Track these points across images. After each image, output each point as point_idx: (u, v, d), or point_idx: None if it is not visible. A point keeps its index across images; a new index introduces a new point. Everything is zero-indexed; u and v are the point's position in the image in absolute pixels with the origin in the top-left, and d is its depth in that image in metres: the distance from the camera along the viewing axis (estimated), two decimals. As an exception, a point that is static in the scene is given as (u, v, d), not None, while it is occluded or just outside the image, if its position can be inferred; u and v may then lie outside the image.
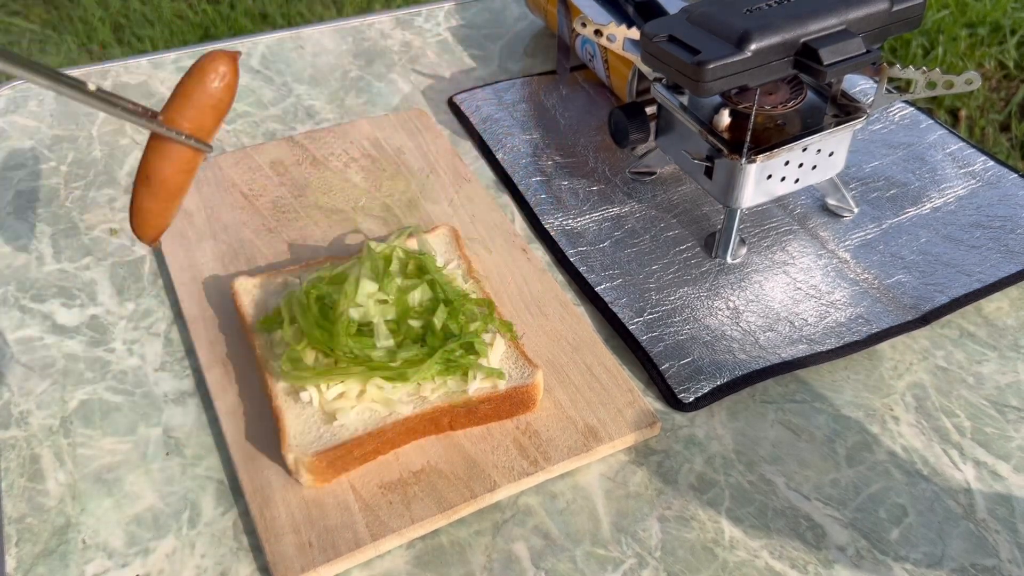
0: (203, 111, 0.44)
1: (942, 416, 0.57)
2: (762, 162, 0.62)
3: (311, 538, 0.49)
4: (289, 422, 0.52)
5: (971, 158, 0.76)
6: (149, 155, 0.45)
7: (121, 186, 0.74)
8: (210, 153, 0.46)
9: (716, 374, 0.58)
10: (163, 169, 0.45)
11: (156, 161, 0.45)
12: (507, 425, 0.55)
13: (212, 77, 0.44)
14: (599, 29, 0.66)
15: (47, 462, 0.54)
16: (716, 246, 0.67)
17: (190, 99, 0.44)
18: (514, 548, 0.50)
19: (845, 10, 0.58)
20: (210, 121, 0.45)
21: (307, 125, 0.81)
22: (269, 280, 0.61)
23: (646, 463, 0.55)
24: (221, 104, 0.45)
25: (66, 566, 0.49)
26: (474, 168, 0.76)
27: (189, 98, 0.44)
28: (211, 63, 0.44)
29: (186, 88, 0.45)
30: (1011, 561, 0.50)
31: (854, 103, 0.65)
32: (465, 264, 0.63)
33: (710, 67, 0.56)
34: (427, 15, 0.97)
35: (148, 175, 0.45)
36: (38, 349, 0.61)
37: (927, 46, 2.08)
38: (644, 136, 0.70)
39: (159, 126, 0.44)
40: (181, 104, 0.44)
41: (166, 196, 0.45)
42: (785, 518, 0.52)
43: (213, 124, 0.45)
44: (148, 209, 0.45)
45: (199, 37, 2.24)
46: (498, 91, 0.84)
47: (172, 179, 0.45)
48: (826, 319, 0.62)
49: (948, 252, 0.67)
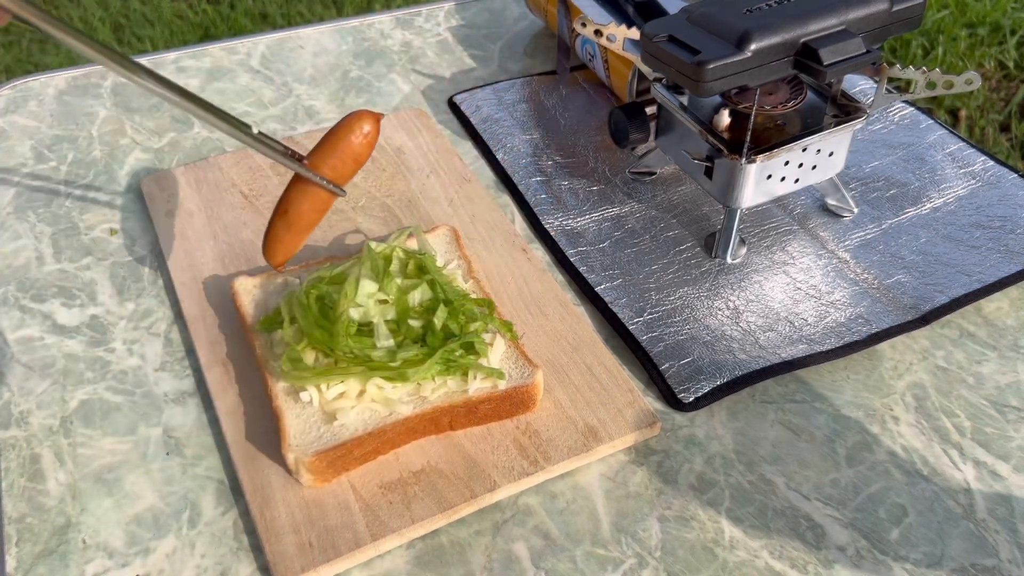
0: (344, 161, 0.49)
1: (942, 416, 0.57)
2: (762, 162, 0.62)
3: (311, 538, 0.49)
4: (289, 422, 0.52)
5: (971, 158, 0.76)
6: (290, 192, 0.50)
7: (121, 186, 0.74)
8: (343, 196, 0.51)
9: (716, 374, 0.58)
10: (300, 205, 0.49)
11: (295, 198, 0.49)
12: (507, 425, 0.55)
13: (357, 133, 0.49)
14: (599, 29, 0.66)
15: (47, 462, 0.54)
16: (716, 246, 0.67)
17: (334, 149, 0.49)
18: (514, 548, 0.50)
19: (845, 10, 0.58)
20: (348, 170, 0.50)
21: (307, 125, 0.81)
22: (269, 280, 0.61)
23: (646, 463, 0.55)
24: (360, 157, 0.50)
25: (66, 566, 0.49)
26: (474, 168, 0.76)
27: (333, 149, 0.49)
28: (357, 121, 0.49)
29: (332, 139, 0.49)
30: (1011, 561, 0.50)
31: (854, 103, 0.65)
32: (465, 264, 0.63)
33: (710, 67, 0.56)
34: (427, 15, 0.97)
35: (287, 209, 0.49)
36: (38, 349, 0.61)
37: (927, 46, 2.08)
38: (644, 136, 0.70)
39: (303, 169, 0.49)
40: (325, 153, 0.49)
41: (298, 229, 0.50)
42: (785, 518, 0.52)
43: (351, 173, 0.50)
44: (282, 238, 0.50)
45: (199, 37, 2.24)
46: (498, 91, 0.84)
47: (306, 215, 0.49)
48: (826, 319, 0.62)
49: (948, 252, 0.67)
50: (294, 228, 0.50)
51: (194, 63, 0.88)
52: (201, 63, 0.88)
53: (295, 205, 0.50)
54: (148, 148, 0.78)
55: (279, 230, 0.50)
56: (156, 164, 0.76)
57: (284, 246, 0.50)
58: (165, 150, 0.77)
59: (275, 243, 0.50)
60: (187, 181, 0.72)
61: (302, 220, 0.50)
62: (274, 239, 0.50)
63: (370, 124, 0.50)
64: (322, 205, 0.50)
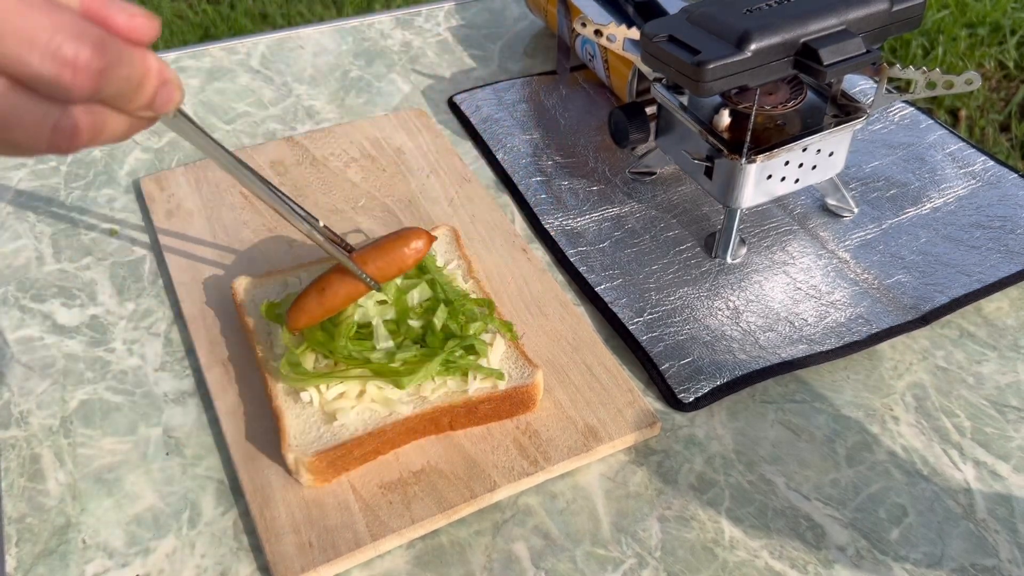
0: (389, 265, 0.53)
1: (942, 416, 0.57)
2: (762, 162, 0.62)
3: (311, 538, 0.49)
4: (289, 422, 0.52)
5: (971, 158, 0.76)
6: (332, 275, 0.53)
7: (121, 186, 0.74)
8: (377, 291, 0.54)
9: (716, 374, 0.58)
10: (337, 290, 0.52)
11: (335, 282, 0.53)
12: (507, 425, 0.55)
13: (409, 246, 0.53)
14: (599, 29, 0.66)
15: (47, 462, 0.54)
16: (716, 246, 0.67)
17: (384, 254, 0.53)
18: (514, 548, 0.50)
19: (845, 10, 0.58)
20: (390, 273, 0.53)
21: (307, 125, 0.81)
22: (269, 280, 0.61)
23: (646, 463, 0.55)
24: (404, 266, 0.53)
25: (66, 566, 0.49)
26: (474, 168, 0.76)
27: (383, 253, 0.53)
28: (414, 237, 0.53)
29: (386, 244, 0.53)
30: (1011, 561, 0.50)
31: (854, 103, 0.65)
32: (465, 264, 0.63)
33: (710, 67, 0.56)
34: (427, 15, 0.97)
35: (324, 288, 0.52)
36: (38, 349, 0.61)
37: (927, 46, 2.08)
38: (644, 136, 0.70)
39: (349, 262, 0.52)
40: (376, 254, 0.53)
41: (327, 308, 0.53)
42: (785, 518, 0.52)
43: (391, 276, 0.53)
44: (310, 311, 0.53)
45: (199, 37, 2.24)
46: (498, 91, 0.84)
47: (340, 300, 0.53)
48: (826, 319, 0.62)
49: (948, 252, 0.67)
50: (325, 306, 0.53)
51: (194, 63, 0.88)
52: (201, 63, 0.88)
53: (333, 288, 0.52)
54: (148, 148, 0.78)
55: (311, 303, 0.53)
56: (156, 164, 0.76)
57: (308, 317, 0.53)
58: (165, 150, 0.77)
59: (302, 312, 0.53)
60: (187, 181, 0.72)
61: (334, 302, 0.53)
62: (303, 309, 0.53)
63: (423, 242, 0.53)
64: (355, 293, 0.53)
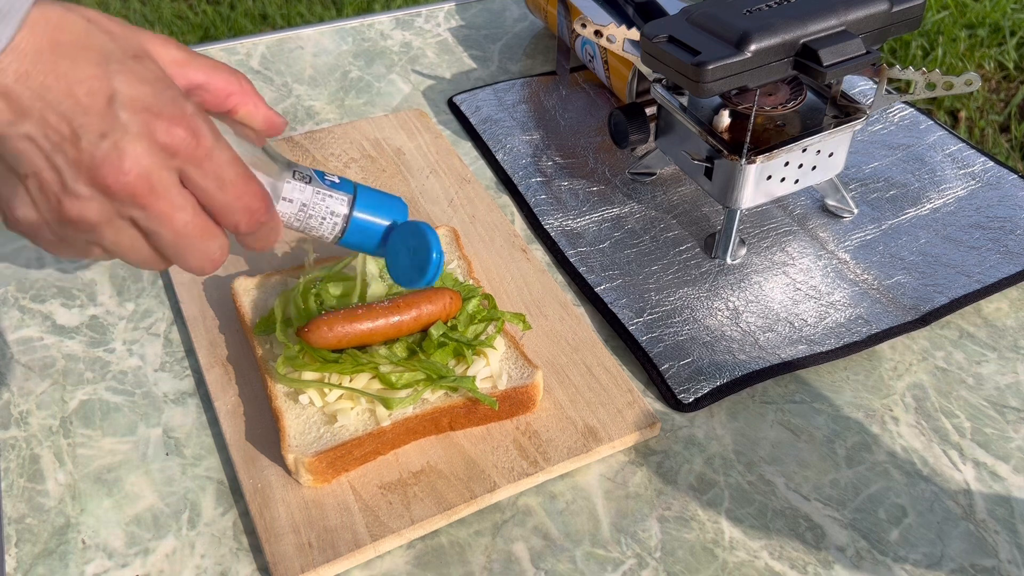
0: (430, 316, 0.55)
1: (942, 417, 0.57)
2: (762, 163, 0.62)
3: (311, 538, 0.49)
4: (289, 422, 0.52)
5: (970, 159, 0.76)
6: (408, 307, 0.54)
7: (121, 186, 0.74)
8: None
9: (716, 375, 0.58)
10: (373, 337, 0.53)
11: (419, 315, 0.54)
12: (507, 425, 0.55)
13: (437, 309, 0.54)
14: (599, 30, 0.66)
15: (47, 462, 0.54)
16: (716, 247, 0.67)
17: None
18: (514, 548, 0.50)
19: (845, 11, 0.58)
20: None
21: (307, 125, 0.81)
22: (269, 280, 0.61)
23: (646, 463, 0.55)
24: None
25: (66, 566, 0.49)
26: (474, 168, 0.76)
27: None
28: (443, 297, 0.54)
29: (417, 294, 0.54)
30: (1011, 561, 0.50)
31: (854, 104, 0.66)
32: (465, 264, 0.63)
33: (710, 68, 0.56)
34: (427, 16, 0.97)
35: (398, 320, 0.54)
36: (38, 349, 0.61)
37: (927, 47, 2.08)
38: (644, 137, 0.70)
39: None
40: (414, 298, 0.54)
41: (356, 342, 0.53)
42: (785, 518, 0.52)
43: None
44: (345, 333, 0.53)
45: (199, 38, 2.24)
46: (498, 92, 0.84)
47: (371, 337, 0.53)
48: (826, 320, 0.62)
49: (948, 253, 0.67)
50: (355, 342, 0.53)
51: (194, 63, 0.88)
52: (201, 63, 0.88)
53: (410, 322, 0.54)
54: (148, 148, 0.78)
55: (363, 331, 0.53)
56: (156, 164, 0.76)
57: (348, 341, 0.53)
58: (165, 150, 0.77)
59: (328, 334, 0.53)
60: (187, 181, 0.72)
61: (365, 340, 0.53)
62: (345, 333, 0.53)
63: (452, 301, 0.55)
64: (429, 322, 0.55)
